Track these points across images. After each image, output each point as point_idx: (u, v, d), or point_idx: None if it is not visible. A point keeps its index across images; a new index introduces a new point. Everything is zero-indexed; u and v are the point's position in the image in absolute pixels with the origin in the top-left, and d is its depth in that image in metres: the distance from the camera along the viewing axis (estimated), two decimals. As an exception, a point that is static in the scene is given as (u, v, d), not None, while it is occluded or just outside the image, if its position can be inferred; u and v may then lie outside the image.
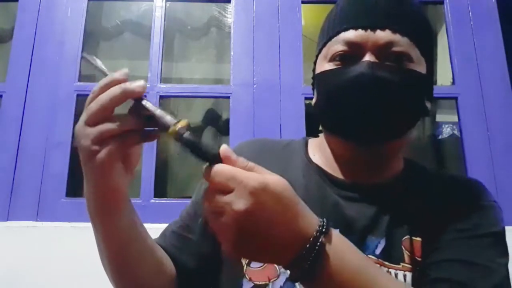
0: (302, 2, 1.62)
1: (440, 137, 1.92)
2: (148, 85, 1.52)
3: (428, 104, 0.64)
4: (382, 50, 0.59)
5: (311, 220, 0.43)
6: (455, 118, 1.59)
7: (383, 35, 0.59)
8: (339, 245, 0.44)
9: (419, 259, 0.59)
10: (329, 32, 0.64)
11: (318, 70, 0.66)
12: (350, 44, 0.60)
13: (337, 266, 0.42)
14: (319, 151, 0.69)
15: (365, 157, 0.64)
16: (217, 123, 1.94)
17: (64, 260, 1.27)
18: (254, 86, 1.53)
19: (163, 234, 0.68)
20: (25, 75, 1.51)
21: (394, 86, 0.58)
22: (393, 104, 0.58)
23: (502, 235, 0.60)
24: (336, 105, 0.61)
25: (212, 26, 1.91)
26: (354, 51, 0.60)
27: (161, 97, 1.53)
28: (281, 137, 1.46)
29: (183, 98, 1.81)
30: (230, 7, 1.66)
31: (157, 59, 1.56)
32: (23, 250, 1.30)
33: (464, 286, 0.53)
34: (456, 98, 1.53)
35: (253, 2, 1.62)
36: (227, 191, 0.40)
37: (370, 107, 0.58)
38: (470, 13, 1.60)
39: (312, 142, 0.72)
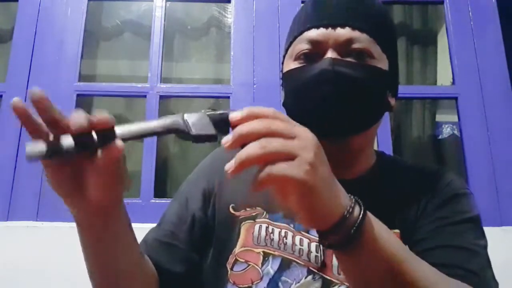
0: (302, 2, 1.62)
1: (440, 137, 1.92)
2: (148, 85, 1.53)
3: (392, 100, 0.66)
4: (343, 47, 0.61)
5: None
6: (455, 118, 1.59)
7: (343, 32, 0.61)
8: (372, 217, 0.44)
9: None
10: (294, 33, 0.67)
11: (284, 70, 0.68)
12: (312, 42, 0.63)
13: (376, 235, 0.42)
14: None
15: (332, 153, 0.63)
16: (217, 123, 1.94)
17: (64, 260, 1.27)
18: (254, 86, 1.53)
19: (145, 242, 0.66)
20: (25, 75, 1.50)
21: (354, 81, 0.60)
22: (353, 99, 0.60)
23: (478, 220, 0.62)
24: (301, 101, 0.63)
25: (212, 26, 1.91)
26: (317, 49, 0.62)
27: (161, 97, 1.53)
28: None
29: (183, 98, 1.80)
30: (230, 7, 1.66)
31: (157, 59, 1.56)
32: (23, 250, 1.30)
33: (453, 268, 0.54)
34: (456, 98, 1.53)
35: (253, 2, 1.62)
36: (287, 137, 0.38)
37: (331, 102, 0.60)
38: (470, 13, 1.60)
39: None
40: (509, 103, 1.50)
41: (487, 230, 0.64)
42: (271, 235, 0.62)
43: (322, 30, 0.62)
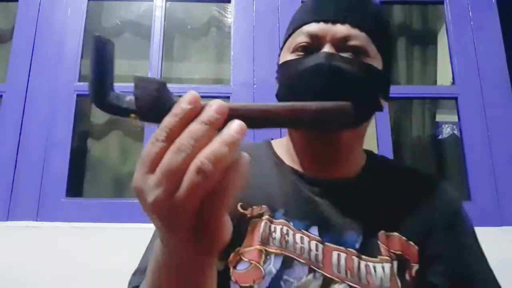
0: (302, 2, 1.62)
1: (440, 137, 1.92)
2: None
3: (383, 102, 0.66)
4: (340, 42, 0.62)
5: None
6: (455, 118, 1.59)
7: (342, 29, 0.62)
8: None
9: (397, 253, 0.62)
10: (294, 25, 0.68)
11: (281, 61, 0.68)
12: (311, 36, 0.64)
13: None
14: (285, 150, 0.72)
15: (320, 148, 0.66)
16: (217, 123, 1.94)
17: (64, 260, 1.27)
18: (254, 86, 1.53)
19: None
20: (25, 75, 1.51)
21: (349, 77, 0.60)
22: (347, 94, 0.58)
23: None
24: (293, 93, 0.63)
25: (212, 26, 1.91)
26: (315, 43, 0.63)
27: (161, 97, 1.52)
28: (281, 137, 1.46)
29: (183, 98, 1.80)
30: (230, 7, 1.66)
31: (157, 59, 1.56)
32: (23, 250, 1.30)
33: None
34: (456, 98, 1.53)
35: (253, 2, 1.62)
36: None
37: (324, 96, 0.58)
38: (470, 13, 1.60)
39: (277, 143, 0.75)
40: (509, 103, 1.50)
41: (487, 230, 0.64)
42: (273, 233, 0.62)
43: (322, 25, 0.63)
